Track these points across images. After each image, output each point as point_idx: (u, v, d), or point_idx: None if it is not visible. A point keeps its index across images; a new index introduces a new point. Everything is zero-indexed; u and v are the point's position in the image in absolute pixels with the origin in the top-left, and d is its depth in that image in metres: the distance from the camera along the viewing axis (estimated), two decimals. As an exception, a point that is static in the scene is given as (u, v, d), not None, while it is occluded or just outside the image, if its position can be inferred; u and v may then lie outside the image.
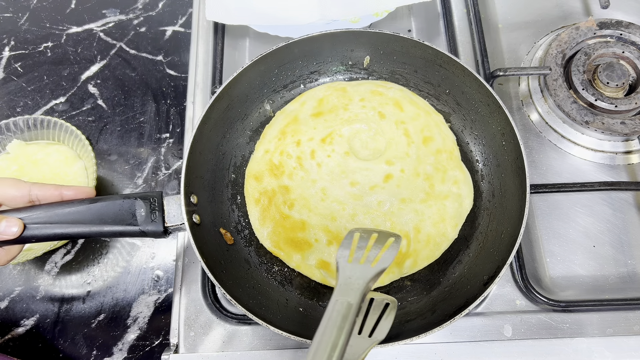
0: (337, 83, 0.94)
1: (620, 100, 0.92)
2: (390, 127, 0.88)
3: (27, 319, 0.89)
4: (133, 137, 1.03)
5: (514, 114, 0.98)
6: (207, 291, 0.85)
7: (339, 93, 0.91)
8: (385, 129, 0.88)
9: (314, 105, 0.91)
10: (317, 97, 0.92)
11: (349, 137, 0.88)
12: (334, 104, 0.90)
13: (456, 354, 0.79)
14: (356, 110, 0.89)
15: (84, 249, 0.94)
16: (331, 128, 0.88)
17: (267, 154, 0.87)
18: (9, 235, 0.63)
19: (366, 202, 0.83)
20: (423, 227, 0.82)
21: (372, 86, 0.92)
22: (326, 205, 0.84)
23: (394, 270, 0.81)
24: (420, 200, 0.83)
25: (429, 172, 0.85)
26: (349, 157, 0.86)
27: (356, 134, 0.88)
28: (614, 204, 0.91)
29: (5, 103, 1.06)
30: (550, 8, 1.08)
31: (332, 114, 0.89)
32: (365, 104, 0.89)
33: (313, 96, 0.92)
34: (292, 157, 0.86)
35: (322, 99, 0.91)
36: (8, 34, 1.13)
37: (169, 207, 0.71)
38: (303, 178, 0.85)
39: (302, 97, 0.93)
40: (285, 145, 0.87)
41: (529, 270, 0.85)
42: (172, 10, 1.15)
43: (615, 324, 0.81)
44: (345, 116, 0.89)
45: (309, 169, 0.86)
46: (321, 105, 0.90)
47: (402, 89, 0.92)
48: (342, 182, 0.85)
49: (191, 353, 0.80)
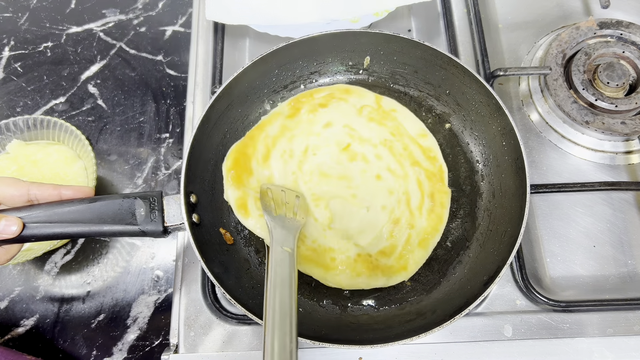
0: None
1: (621, 100, 0.92)
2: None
3: (27, 319, 0.89)
4: (133, 137, 1.03)
5: (514, 114, 0.98)
6: (207, 291, 0.85)
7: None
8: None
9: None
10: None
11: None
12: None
13: (456, 354, 0.79)
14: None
15: (83, 249, 0.94)
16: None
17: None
18: (9, 234, 0.63)
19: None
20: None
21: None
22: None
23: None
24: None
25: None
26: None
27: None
28: (614, 204, 0.91)
29: (5, 103, 1.06)
30: (551, 8, 1.08)
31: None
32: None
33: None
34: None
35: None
36: (8, 34, 1.13)
37: (169, 207, 0.71)
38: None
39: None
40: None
41: (529, 270, 0.85)
42: (172, 10, 1.15)
43: (615, 324, 0.81)
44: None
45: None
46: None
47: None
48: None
49: (191, 353, 0.80)
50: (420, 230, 0.84)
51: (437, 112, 0.94)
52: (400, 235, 0.83)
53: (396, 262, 0.82)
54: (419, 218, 0.84)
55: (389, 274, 0.81)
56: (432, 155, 0.89)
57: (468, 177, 0.89)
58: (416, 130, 0.91)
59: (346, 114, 0.91)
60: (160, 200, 0.71)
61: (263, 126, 0.90)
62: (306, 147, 0.88)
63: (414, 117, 0.92)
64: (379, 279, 0.81)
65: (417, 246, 0.83)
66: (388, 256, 0.82)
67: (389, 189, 0.86)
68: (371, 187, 0.86)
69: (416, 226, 0.84)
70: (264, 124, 0.90)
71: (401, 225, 0.83)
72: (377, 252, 0.82)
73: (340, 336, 0.76)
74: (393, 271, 0.81)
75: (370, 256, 0.82)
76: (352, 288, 0.82)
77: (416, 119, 0.92)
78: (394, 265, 0.82)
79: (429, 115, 0.93)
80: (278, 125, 0.90)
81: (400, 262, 0.82)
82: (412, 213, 0.84)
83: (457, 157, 0.90)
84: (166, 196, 0.72)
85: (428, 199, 0.85)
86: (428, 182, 0.86)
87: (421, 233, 0.84)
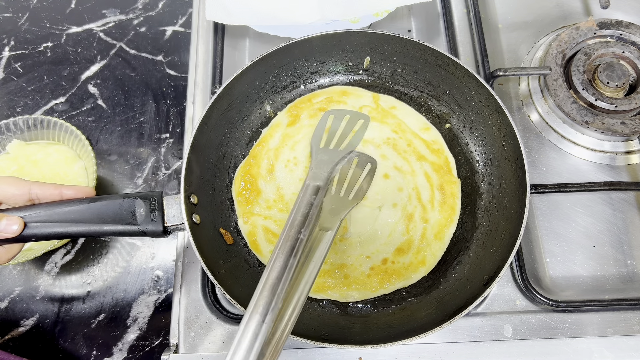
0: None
1: (620, 100, 0.92)
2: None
3: (27, 319, 0.89)
4: (133, 137, 1.03)
5: (514, 114, 0.98)
6: (207, 291, 0.85)
7: None
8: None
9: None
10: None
11: None
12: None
13: (456, 354, 0.79)
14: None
15: (84, 249, 0.94)
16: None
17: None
18: (10, 233, 0.63)
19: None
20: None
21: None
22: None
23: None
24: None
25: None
26: None
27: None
28: (614, 204, 0.91)
29: (5, 103, 1.06)
30: (550, 8, 1.08)
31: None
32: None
33: None
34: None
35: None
36: (8, 34, 1.13)
37: (169, 207, 0.71)
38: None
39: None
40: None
41: (529, 271, 0.85)
42: (172, 10, 1.15)
43: (615, 324, 0.81)
44: None
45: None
46: None
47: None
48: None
49: (191, 353, 0.80)
50: (434, 223, 0.84)
51: (437, 112, 0.94)
52: (416, 231, 0.83)
53: (414, 257, 0.82)
54: (432, 211, 0.84)
55: (407, 275, 0.81)
56: (437, 148, 0.89)
57: (468, 177, 0.89)
58: (418, 125, 0.91)
59: None
60: (161, 200, 0.71)
61: (264, 141, 0.90)
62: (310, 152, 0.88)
63: (414, 112, 0.93)
64: (396, 284, 0.81)
65: (434, 239, 0.83)
66: (405, 253, 0.82)
67: (398, 187, 0.86)
68: (380, 186, 0.86)
69: (430, 219, 0.84)
70: (265, 139, 0.90)
71: (415, 220, 0.84)
72: (394, 251, 0.82)
73: (340, 336, 0.76)
74: (411, 270, 0.82)
75: (384, 263, 0.82)
76: (369, 297, 0.82)
77: (417, 114, 0.92)
78: (412, 261, 0.82)
79: (429, 115, 0.93)
80: (279, 136, 0.90)
81: (418, 257, 0.82)
82: (425, 207, 0.85)
83: (457, 157, 0.90)
84: (166, 196, 0.72)
85: (438, 191, 0.86)
86: (436, 175, 0.87)
87: (436, 226, 0.84)
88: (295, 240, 0.65)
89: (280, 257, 0.63)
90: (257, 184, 0.86)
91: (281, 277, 0.61)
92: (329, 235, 0.69)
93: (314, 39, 0.88)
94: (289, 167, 0.87)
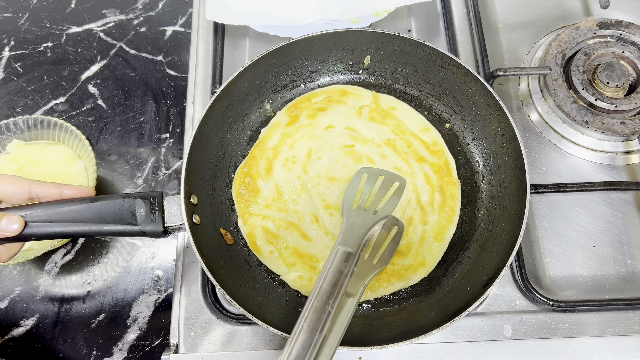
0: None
1: (620, 100, 0.92)
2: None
3: (27, 319, 0.89)
4: (133, 137, 1.03)
5: (514, 114, 0.98)
6: (207, 291, 0.85)
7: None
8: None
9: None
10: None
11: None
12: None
13: (456, 354, 0.79)
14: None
15: (84, 249, 0.94)
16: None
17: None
18: (10, 232, 0.63)
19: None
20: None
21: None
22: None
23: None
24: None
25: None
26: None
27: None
28: (614, 204, 0.91)
29: (5, 103, 1.06)
30: (550, 8, 1.08)
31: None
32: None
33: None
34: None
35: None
36: (8, 34, 1.13)
37: (169, 207, 0.71)
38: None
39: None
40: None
41: (529, 271, 0.85)
42: (172, 10, 1.15)
43: (615, 324, 0.81)
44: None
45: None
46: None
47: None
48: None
49: (191, 353, 0.80)
50: (434, 225, 0.84)
51: (437, 112, 0.94)
52: (415, 233, 0.83)
53: (414, 259, 0.82)
54: (432, 213, 0.84)
55: (407, 276, 0.81)
56: (437, 149, 0.89)
57: (468, 178, 0.89)
58: (418, 126, 0.91)
59: (346, 115, 0.91)
60: (161, 200, 0.71)
61: (263, 141, 0.90)
62: (309, 151, 0.88)
63: (414, 112, 0.92)
64: (396, 285, 0.81)
65: (434, 240, 0.83)
66: (405, 255, 0.82)
67: None
68: None
69: (430, 222, 0.84)
70: (264, 139, 0.90)
71: (414, 223, 0.84)
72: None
73: (340, 336, 0.76)
74: (411, 271, 0.81)
75: None
76: (370, 299, 0.82)
77: (416, 114, 0.92)
78: (412, 263, 0.82)
79: (429, 115, 0.93)
80: (278, 135, 0.90)
81: (417, 259, 0.82)
82: (424, 209, 0.84)
83: (457, 157, 0.90)
84: (167, 196, 0.72)
85: (438, 193, 0.86)
86: (436, 176, 0.86)
87: (435, 228, 0.84)
88: (322, 312, 0.60)
89: (305, 330, 0.58)
90: (256, 183, 0.86)
91: (304, 356, 0.57)
92: (351, 302, 0.63)
93: (314, 38, 0.88)
94: (287, 165, 0.87)
